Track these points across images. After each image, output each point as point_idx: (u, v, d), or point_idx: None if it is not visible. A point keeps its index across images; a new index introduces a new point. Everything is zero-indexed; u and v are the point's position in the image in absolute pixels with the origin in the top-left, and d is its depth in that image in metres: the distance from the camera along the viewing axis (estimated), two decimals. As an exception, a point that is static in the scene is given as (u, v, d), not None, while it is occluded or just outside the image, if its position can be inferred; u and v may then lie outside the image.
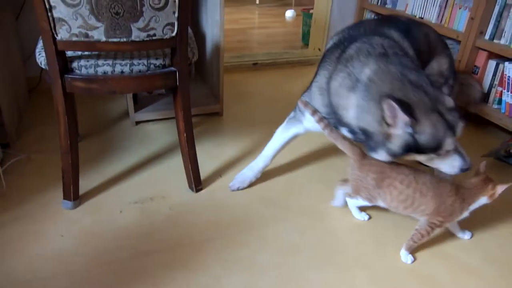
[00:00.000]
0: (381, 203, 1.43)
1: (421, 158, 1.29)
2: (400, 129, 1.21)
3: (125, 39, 1.25)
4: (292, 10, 4.55)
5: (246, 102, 2.37)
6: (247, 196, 1.61)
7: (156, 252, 1.32)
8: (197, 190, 1.59)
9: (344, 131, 1.43)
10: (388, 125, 1.22)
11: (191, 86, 2.25)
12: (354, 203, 1.51)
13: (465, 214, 1.36)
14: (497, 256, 1.42)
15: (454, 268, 1.35)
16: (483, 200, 1.34)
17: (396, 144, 1.24)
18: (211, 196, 1.59)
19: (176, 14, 1.30)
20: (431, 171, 1.42)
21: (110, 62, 1.31)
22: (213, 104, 2.15)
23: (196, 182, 1.58)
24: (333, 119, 1.42)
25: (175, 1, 1.28)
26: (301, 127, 1.59)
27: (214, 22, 2.02)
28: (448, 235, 1.49)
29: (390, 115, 1.19)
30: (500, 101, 2.13)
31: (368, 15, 3.02)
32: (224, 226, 1.45)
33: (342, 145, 1.44)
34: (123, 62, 1.33)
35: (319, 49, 3.12)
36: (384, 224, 1.52)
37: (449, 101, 1.25)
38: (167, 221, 1.45)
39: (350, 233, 1.47)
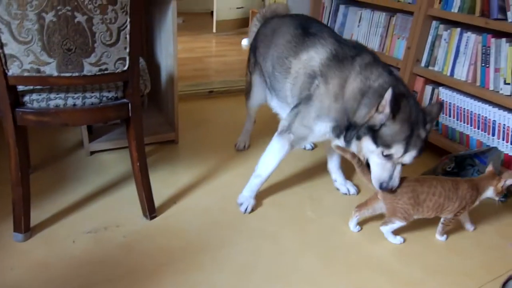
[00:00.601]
0: (416, 217, 1.60)
1: (370, 147, 1.49)
2: (378, 117, 1.44)
3: (77, 74, 1.30)
4: (248, 39, 4.71)
5: (201, 130, 2.43)
6: (201, 221, 1.66)
7: (109, 280, 1.34)
8: (151, 218, 1.62)
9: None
10: (377, 111, 1.45)
11: (147, 115, 2.31)
12: (389, 228, 1.63)
13: (477, 203, 1.61)
14: (437, 268, 1.53)
15: (397, 283, 1.45)
16: (490, 191, 1.59)
17: (367, 124, 1.48)
18: (165, 223, 1.63)
19: (128, 50, 1.36)
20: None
21: (62, 95, 1.35)
22: (169, 132, 2.21)
23: (150, 210, 1.61)
24: (340, 123, 1.59)
25: (126, 38, 1.35)
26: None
27: (168, 54, 2.09)
28: (390, 249, 1.60)
29: (384, 103, 1.41)
30: (437, 123, 2.30)
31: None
32: (178, 251, 1.49)
33: (366, 177, 1.58)
34: (76, 95, 1.37)
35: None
36: (333, 245, 1.61)
37: (422, 133, 1.50)
38: (120, 249, 1.47)
39: (301, 253, 1.54)
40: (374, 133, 1.46)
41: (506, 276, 1.42)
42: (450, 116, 2.23)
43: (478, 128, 2.11)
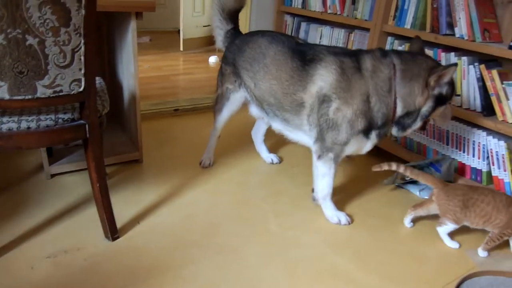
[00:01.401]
0: (466, 222, 1.67)
1: (441, 110, 1.70)
2: (436, 90, 1.63)
3: (30, 97, 1.29)
4: (216, 56, 4.75)
5: (167, 148, 2.43)
6: (165, 240, 1.65)
7: (69, 305, 1.32)
8: (114, 239, 1.61)
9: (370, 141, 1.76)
10: (430, 88, 1.62)
11: (110, 135, 2.30)
12: (444, 230, 1.75)
13: None
14: (397, 275, 1.57)
15: (356, 291, 1.48)
16: None
17: (428, 104, 1.65)
18: (128, 243, 1.61)
19: (83, 71, 1.37)
20: None
21: (15, 118, 1.34)
22: (132, 151, 2.19)
23: (112, 231, 1.60)
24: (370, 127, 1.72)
25: (80, 59, 1.35)
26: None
27: (129, 73, 2.10)
28: (353, 259, 1.63)
29: (443, 79, 1.60)
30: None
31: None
32: (141, 272, 1.47)
33: (424, 179, 1.76)
34: (30, 118, 1.36)
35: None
36: (296, 257, 1.63)
37: None
38: (81, 273, 1.45)
39: (265, 267, 1.55)
40: (443, 99, 1.66)
41: (459, 280, 1.48)
42: (408, 127, 2.31)
43: (434, 138, 2.20)
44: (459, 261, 1.68)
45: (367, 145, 1.79)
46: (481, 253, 1.71)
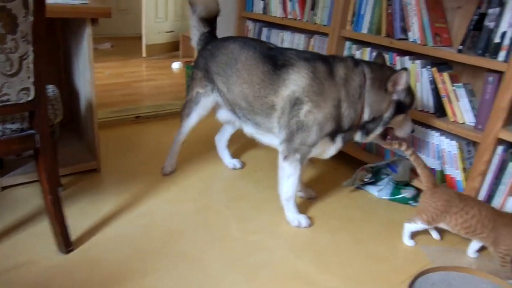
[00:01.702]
0: (443, 225, 1.67)
1: (400, 118, 1.78)
2: (396, 95, 1.71)
3: (-26, 106, 1.24)
4: (179, 62, 4.71)
5: (127, 157, 2.38)
6: (123, 250, 1.62)
7: (20, 322, 1.26)
8: (68, 252, 1.56)
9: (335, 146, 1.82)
10: (388, 94, 1.70)
11: (66, 144, 2.24)
12: (411, 227, 1.78)
13: None
14: (356, 276, 1.59)
15: (316, 293, 1.49)
16: None
17: (390, 110, 1.73)
18: (84, 255, 1.57)
19: (32, 79, 1.32)
20: None
21: (-41, 129, 1.28)
22: (90, 161, 2.14)
23: (66, 244, 1.55)
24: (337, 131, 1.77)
25: (29, 67, 1.31)
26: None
27: (86, 81, 2.05)
28: (314, 262, 1.64)
29: (398, 83, 1.68)
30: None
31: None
32: (97, 284, 1.43)
33: (422, 172, 1.74)
34: (-25, 129, 1.30)
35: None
36: (258, 262, 1.63)
37: None
38: None
39: (226, 273, 1.55)
40: (402, 107, 1.74)
41: (413, 277, 1.51)
42: (366, 130, 2.36)
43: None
44: (415, 259, 1.73)
45: (332, 149, 1.84)
46: (506, 277, 1.59)
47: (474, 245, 1.75)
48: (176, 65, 4.70)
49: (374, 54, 2.26)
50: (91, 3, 1.90)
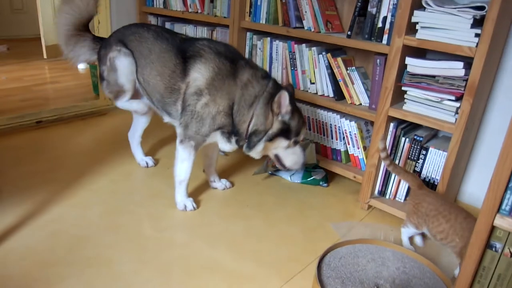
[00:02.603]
0: (425, 230, 1.64)
1: (283, 144, 1.78)
2: (280, 116, 1.72)
3: None
4: (84, 62, 4.48)
5: (27, 165, 2.23)
6: (25, 262, 1.52)
7: None
8: (-41, 272, 1.43)
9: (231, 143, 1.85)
10: (274, 114, 1.71)
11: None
12: (406, 232, 1.75)
13: None
14: (268, 259, 1.65)
15: (232, 279, 1.52)
16: None
17: (273, 129, 1.74)
18: (-20, 274, 1.45)
19: None
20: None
21: None
22: (-16, 172, 1.98)
23: (-44, 264, 1.42)
24: (229, 130, 1.81)
25: None
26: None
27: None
28: (227, 251, 1.67)
29: (280, 104, 1.68)
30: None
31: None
32: (-4, 303, 1.34)
33: (405, 177, 1.75)
34: None
35: (110, 98, 3.15)
36: (172, 257, 1.62)
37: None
38: None
39: (138, 273, 1.52)
40: (285, 131, 1.75)
41: (323, 253, 1.60)
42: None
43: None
44: (326, 236, 1.83)
45: (227, 146, 1.88)
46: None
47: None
48: (82, 65, 4.47)
49: (276, 43, 2.34)
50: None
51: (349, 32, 2.01)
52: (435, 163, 1.88)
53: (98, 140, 2.61)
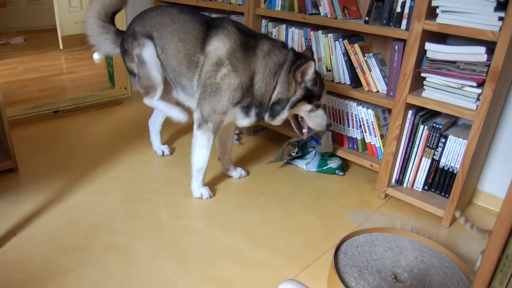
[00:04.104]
0: None
1: (306, 108, 1.81)
2: (303, 83, 1.75)
3: None
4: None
5: (46, 153, 2.26)
6: (46, 248, 1.55)
7: None
8: (-18, 257, 1.46)
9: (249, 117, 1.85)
10: (297, 83, 1.74)
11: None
12: None
13: None
14: (283, 246, 1.65)
15: (248, 267, 1.52)
16: None
17: (296, 95, 1.76)
18: (3, 258, 1.48)
19: None
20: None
21: None
22: (4, 160, 2.01)
23: (-21, 249, 1.45)
24: (250, 104, 1.82)
25: None
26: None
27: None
28: (242, 239, 1.67)
29: (306, 73, 1.72)
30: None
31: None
32: (19, 285, 1.36)
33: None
34: None
35: (125, 88, 3.17)
36: (187, 245, 1.63)
37: None
38: None
39: (155, 260, 1.53)
40: (308, 97, 1.76)
41: (339, 241, 1.59)
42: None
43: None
44: (342, 225, 1.81)
45: (245, 121, 1.87)
46: None
47: None
48: (97, 55, 4.50)
49: (292, 30, 2.32)
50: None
51: (366, 18, 1.97)
52: (454, 151, 1.84)
53: (114, 129, 2.63)
